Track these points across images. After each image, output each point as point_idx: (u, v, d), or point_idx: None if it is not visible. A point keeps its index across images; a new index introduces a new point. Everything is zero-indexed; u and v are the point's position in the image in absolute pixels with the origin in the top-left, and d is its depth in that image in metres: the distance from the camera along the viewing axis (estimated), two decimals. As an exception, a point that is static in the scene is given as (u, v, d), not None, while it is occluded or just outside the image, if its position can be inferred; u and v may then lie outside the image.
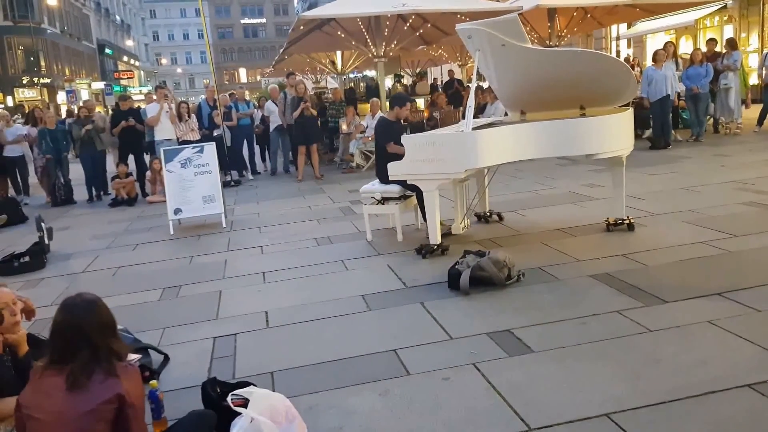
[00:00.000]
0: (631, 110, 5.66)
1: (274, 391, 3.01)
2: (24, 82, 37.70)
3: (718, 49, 12.39)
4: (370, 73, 23.85)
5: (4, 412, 2.50)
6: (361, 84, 17.61)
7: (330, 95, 15.26)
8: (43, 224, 7.06)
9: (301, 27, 13.11)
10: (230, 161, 11.75)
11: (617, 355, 3.35)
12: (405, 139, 5.49)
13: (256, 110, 13.18)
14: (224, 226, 7.76)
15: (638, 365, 3.21)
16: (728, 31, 20.50)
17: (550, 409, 2.88)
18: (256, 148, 13.20)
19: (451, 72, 18.08)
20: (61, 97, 38.50)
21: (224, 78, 77.29)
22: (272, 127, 12.35)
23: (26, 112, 13.15)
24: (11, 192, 11.68)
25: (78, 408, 2.13)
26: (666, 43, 12.73)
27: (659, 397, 2.87)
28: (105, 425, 2.15)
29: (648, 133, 11.60)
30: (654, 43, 22.52)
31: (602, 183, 7.83)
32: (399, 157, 5.55)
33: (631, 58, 18.56)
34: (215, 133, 11.22)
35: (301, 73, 20.69)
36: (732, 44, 12.03)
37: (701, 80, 11.15)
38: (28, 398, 2.22)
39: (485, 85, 11.56)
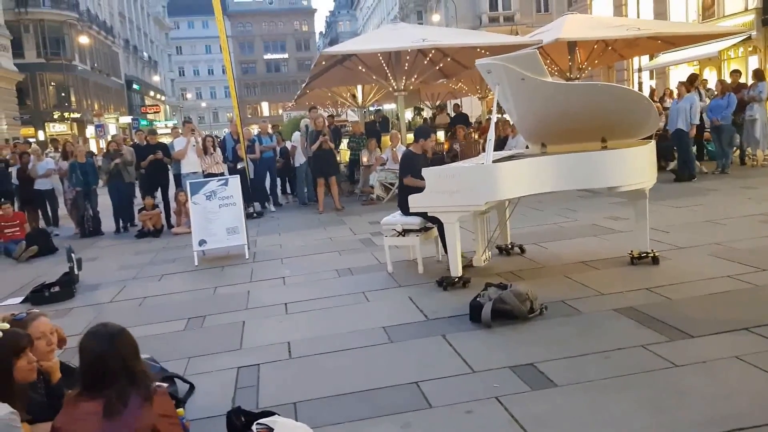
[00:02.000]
0: (653, 143, 5.66)
1: (296, 421, 3.03)
2: (55, 116, 38.72)
3: (743, 80, 12.34)
4: (389, 106, 24.12)
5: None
6: (371, 117, 17.88)
7: (350, 128, 15.48)
8: (73, 255, 7.21)
9: (323, 62, 13.37)
10: (252, 193, 11.90)
11: (642, 389, 3.31)
12: (426, 171, 5.55)
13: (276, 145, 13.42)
14: (247, 257, 7.85)
15: (664, 400, 3.18)
16: (753, 62, 20.44)
17: (575, 444, 2.85)
18: (278, 180, 13.36)
19: (456, 107, 18.26)
20: (90, 131, 39.43)
21: (247, 112, 78.68)
22: (300, 158, 12.55)
23: (63, 145, 13.52)
24: (42, 224, 11.94)
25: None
26: (690, 75, 12.72)
27: (685, 433, 2.84)
28: None
29: (672, 165, 11.54)
30: (677, 75, 22.52)
31: (625, 215, 7.79)
32: (421, 189, 5.61)
33: (659, 90, 18.38)
34: (239, 166, 11.40)
35: (322, 106, 21.01)
36: (758, 75, 11.93)
37: (722, 112, 11.11)
38: (63, 423, 2.28)
39: (494, 118, 11.61)
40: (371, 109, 20.24)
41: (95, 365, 2.30)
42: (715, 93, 11.65)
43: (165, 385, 3.40)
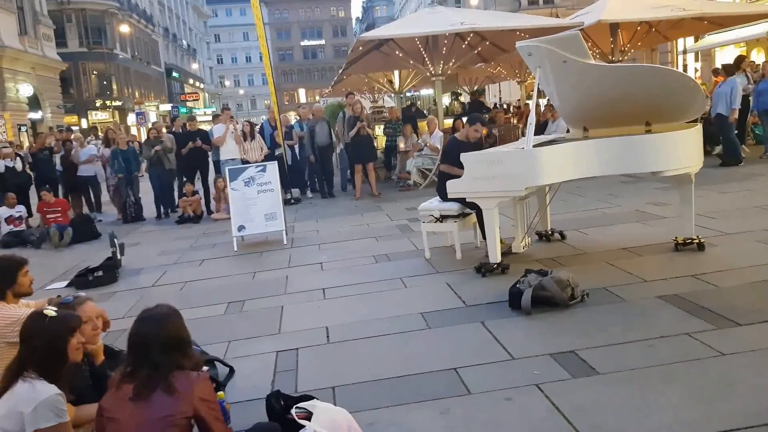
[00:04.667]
0: (699, 126, 5.48)
1: (335, 405, 3.03)
2: (97, 105, 39.64)
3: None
4: (426, 92, 24.00)
5: (82, 419, 2.63)
6: (407, 103, 17.80)
7: (386, 114, 15.41)
8: (116, 240, 7.37)
9: (360, 48, 13.31)
10: (291, 180, 11.97)
11: (688, 378, 3.23)
12: (464, 156, 5.48)
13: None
14: (285, 243, 7.91)
15: (711, 389, 3.09)
16: (803, 43, 19.63)
17: (618, 433, 2.80)
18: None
19: (474, 93, 18.07)
20: (131, 119, 40.24)
21: (284, 99, 79.10)
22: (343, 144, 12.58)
23: (105, 132, 13.79)
24: (85, 209, 12.24)
25: (150, 415, 2.24)
26: (736, 57, 12.28)
27: (733, 423, 2.76)
28: (180, 430, 2.26)
29: (718, 149, 11.20)
30: (723, 57, 21.77)
31: (669, 201, 7.59)
32: (457, 176, 5.55)
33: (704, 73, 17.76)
34: (276, 153, 11.48)
35: (359, 92, 20.98)
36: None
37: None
38: (108, 403, 2.34)
39: (534, 102, 11.37)
40: (408, 94, 20.11)
41: (129, 347, 2.37)
42: (762, 75, 11.16)
43: (206, 368, 3.48)
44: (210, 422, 2.32)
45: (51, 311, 2.56)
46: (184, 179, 11.39)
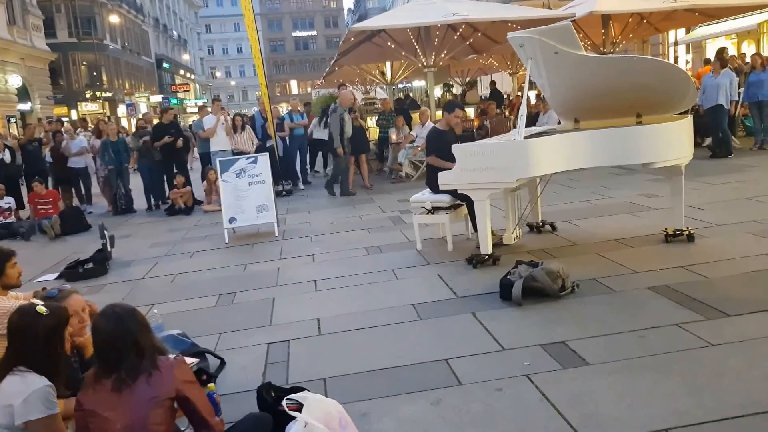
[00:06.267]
0: (690, 118, 5.49)
1: (326, 397, 3.03)
2: (87, 96, 39.26)
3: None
4: (418, 83, 23.95)
5: (71, 412, 2.61)
6: (400, 94, 17.77)
7: (379, 105, 15.38)
8: (106, 232, 7.32)
9: (352, 38, 13.26)
10: (282, 171, 11.92)
11: (678, 369, 3.24)
12: (456, 148, 5.48)
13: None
14: (277, 234, 7.89)
15: (701, 380, 3.11)
16: (793, 35, 19.69)
17: (609, 424, 2.81)
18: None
19: (492, 84, 18.03)
20: (121, 110, 39.94)
21: (276, 90, 78.65)
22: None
23: (96, 123, 13.63)
24: (75, 202, 12.15)
25: (136, 400, 2.27)
26: (718, 50, 12.33)
27: (724, 413, 2.78)
28: (165, 411, 2.30)
29: (708, 141, 11.24)
30: (714, 49, 21.82)
31: (660, 193, 7.62)
32: (449, 166, 5.54)
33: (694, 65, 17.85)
34: (268, 144, 11.43)
35: (351, 84, 20.90)
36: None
37: (763, 86, 10.74)
38: (88, 399, 2.34)
39: (526, 93, 11.34)
40: (400, 86, 20.05)
41: (107, 345, 2.38)
42: (752, 67, 11.21)
43: (197, 360, 3.48)
44: (196, 402, 2.37)
45: (42, 308, 2.52)
46: (175, 171, 11.33)
